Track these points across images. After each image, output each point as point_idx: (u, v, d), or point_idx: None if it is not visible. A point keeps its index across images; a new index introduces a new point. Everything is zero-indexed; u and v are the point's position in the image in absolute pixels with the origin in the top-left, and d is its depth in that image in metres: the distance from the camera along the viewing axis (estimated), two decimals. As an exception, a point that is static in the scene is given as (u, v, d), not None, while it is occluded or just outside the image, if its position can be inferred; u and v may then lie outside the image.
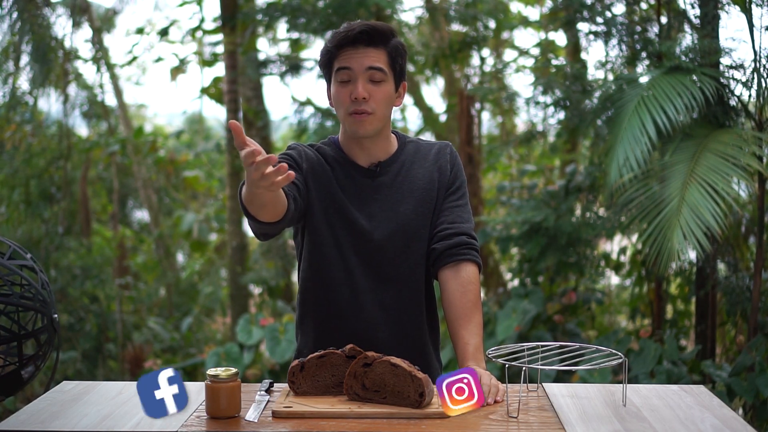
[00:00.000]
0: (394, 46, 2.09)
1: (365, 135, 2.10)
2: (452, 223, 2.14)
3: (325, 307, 2.13)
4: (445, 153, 2.20)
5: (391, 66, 2.09)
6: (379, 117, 2.08)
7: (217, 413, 1.77)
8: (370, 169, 2.14)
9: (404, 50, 2.13)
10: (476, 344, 2.03)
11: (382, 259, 2.11)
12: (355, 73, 2.05)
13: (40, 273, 2.06)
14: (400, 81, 2.14)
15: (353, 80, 2.06)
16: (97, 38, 8.66)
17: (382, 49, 2.07)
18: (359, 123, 2.07)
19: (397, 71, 2.11)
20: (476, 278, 2.11)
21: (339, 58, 2.07)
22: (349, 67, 2.05)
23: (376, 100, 2.06)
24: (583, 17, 4.98)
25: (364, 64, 2.05)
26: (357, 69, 2.05)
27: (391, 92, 2.10)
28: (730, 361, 4.81)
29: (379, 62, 2.06)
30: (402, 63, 2.12)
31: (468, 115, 6.59)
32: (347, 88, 2.06)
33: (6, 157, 7.03)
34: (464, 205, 2.18)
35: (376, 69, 2.05)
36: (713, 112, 4.14)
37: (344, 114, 2.09)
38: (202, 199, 11.06)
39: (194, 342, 7.90)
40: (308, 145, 2.18)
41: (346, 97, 2.06)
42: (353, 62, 2.05)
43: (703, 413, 1.81)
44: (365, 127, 2.08)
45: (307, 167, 2.12)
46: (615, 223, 4.76)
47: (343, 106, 2.08)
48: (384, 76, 2.07)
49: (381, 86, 2.07)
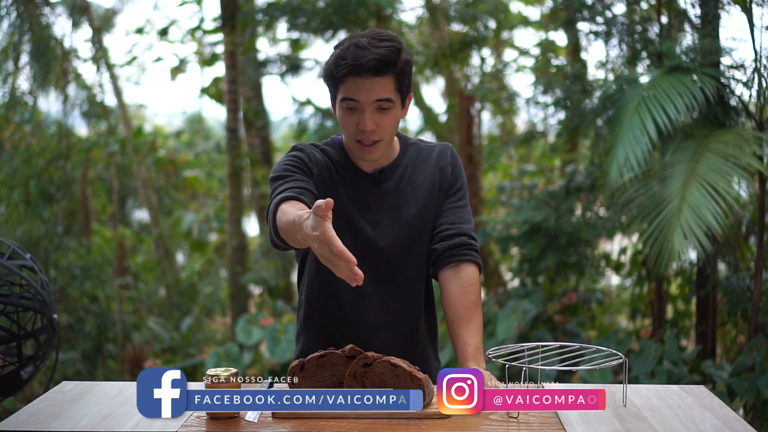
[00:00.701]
0: (401, 69, 2.01)
1: (372, 160, 2.08)
2: (453, 223, 2.13)
3: (331, 313, 2.13)
4: (446, 155, 2.19)
5: (399, 90, 2.03)
6: (386, 142, 2.06)
7: (217, 413, 1.77)
8: (374, 175, 2.12)
9: (410, 67, 2.06)
10: (476, 344, 2.03)
11: (386, 265, 2.11)
12: (361, 105, 2.00)
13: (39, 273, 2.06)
14: (407, 97, 2.09)
15: (360, 111, 2.00)
16: (97, 38, 8.65)
17: (390, 76, 2.00)
18: (367, 151, 2.05)
19: (404, 92, 2.06)
20: (476, 279, 2.10)
21: (345, 87, 2.00)
22: (356, 100, 1.99)
23: (383, 129, 2.03)
24: (583, 17, 4.98)
25: (372, 97, 1.99)
26: (364, 101, 1.99)
27: (398, 116, 2.06)
28: (730, 362, 4.80)
29: (386, 93, 2.00)
30: (409, 81, 2.06)
31: (468, 115, 6.59)
32: (354, 117, 2.02)
33: (5, 157, 7.02)
34: (464, 206, 2.18)
35: (384, 100, 2.00)
36: (714, 112, 4.14)
37: (350, 139, 2.06)
38: (202, 199, 11.05)
39: (194, 342, 7.90)
40: (313, 145, 2.14)
41: (353, 126, 2.02)
42: (360, 95, 1.98)
43: (703, 413, 1.81)
44: (372, 155, 2.06)
45: (317, 172, 2.08)
46: (615, 223, 4.76)
47: (349, 132, 2.04)
48: (392, 104, 2.02)
49: (389, 114, 2.02)
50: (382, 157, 2.12)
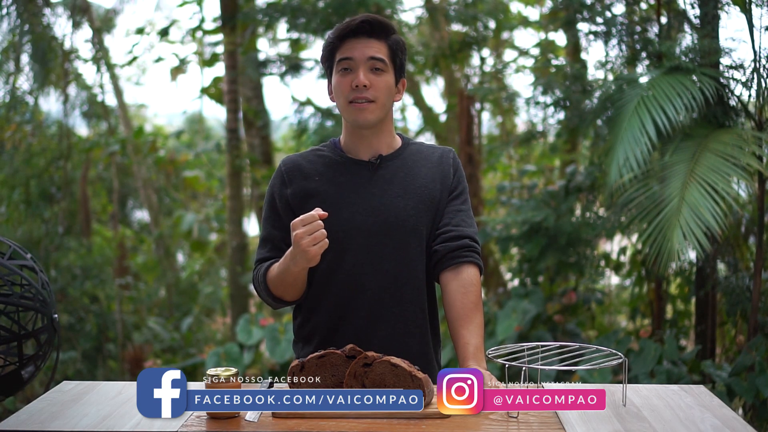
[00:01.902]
0: (395, 41, 2.13)
1: (366, 124, 2.10)
2: (456, 226, 2.14)
3: (327, 306, 2.13)
4: (448, 158, 2.21)
5: (392, 59, 2.11)
6: (380, 105, 2.09)
7: (217, 413, 1.77)
8: (371, 161, 2.14)
9: (404, 47, 2.16)
10: (477, 344, 2.03)
11: (381, 255, 2.10)
12: (356, 63, 2.08)
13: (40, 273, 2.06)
14: (400, 77, 2.16)
15: (354, 69, 2.08)
16: (97, 38, 8.66)
17: (383, 41, 2.10)
18: (360, 111, 2.08)
19: (397, 65, 2.13)
20: (477, 280, 2.11)
21: (341, 49, 2.10)
22: (350, 57, 2.08)
23: (377, 89, 2.08)
24: (583, 17, 4.98)
25: (366, 53, 2.08)
26: (358, 58, 2.08)
27: (391, 83, 2.12)
28: (730, 361, 4.81)
29: (380, 53, 2.09)
30: (402, 59, 2.15)
31: (468, 115, 6.59)
32: (348, 77, 2.08)
33: (6, 157, 7.03)
34: (467, 211, 2.19)
35: (377, 59, 2.08)
36: (713, 112, 4.14)
37: (345, 103, 2.10)
38: (202, 199, 11.06)
39: (194, 342, 7.91)
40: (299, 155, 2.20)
41: (347, 86, 2.08)
42: (355, 52, 2.08)
43: (703, 413, 1.81)
44: (366, 116, 2.08)
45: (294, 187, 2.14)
46: (615, 223, 4.76)
47: (344, 94, 2.09)
48: (385, 66, 2.09)
49: (382, 76, 2.09)
50: (380, 143, 2.15)
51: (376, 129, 2.13)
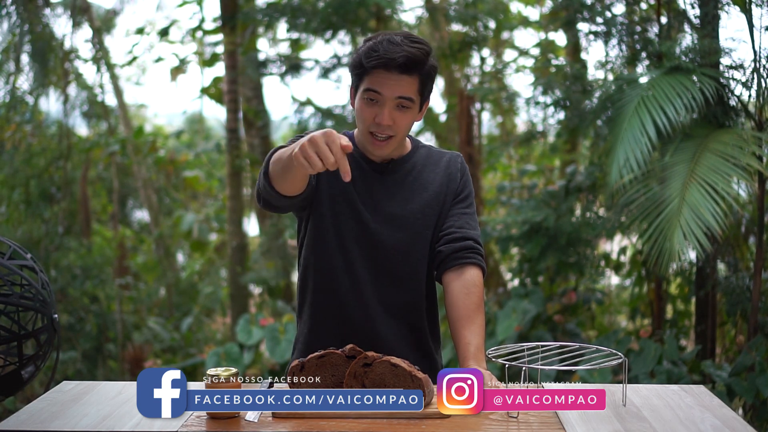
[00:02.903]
0: (427, 72, 2.04)
1: (381, 156, 2.10)
2: (460, 228, 2.14)
3: (325, 293, 2.14)
4: (456, 162, 2.21)
5: (421, 92, 2.05)
6: (398, 139, 2.08)
7: (217, 413, 1.77)
8: (382, 164, 2.14)
9: (436, 71, 2.08)
10: (478, 344, 2.03)
11: (383, 254, 2.11)
12: (383, 98, 2.01)
13: (40, 273, 2.06)
14: (425, 101, 2.11)
15: (380, 104, 2.02)
16: (97, 38, 8.66)
17: (416, 76, 2.02)
18: (378, 146, 2.07)
19: (424, 96, 2.08)
20: (480, 282, 2.11)
21: (370, 78, 2.02)
22: (379, 92, 2.01)
23: (399, 126, 2.05)
24: (583, 17, 4.98)
25: (395, 93, 2.01)
26: (387, 95, 2.01)
27: (414, 116, 2.08)
28: (730, 361, 4.81)
29: (410, 92, 2.02)
30: (431, 87, 2.09)
31: (468, 115, 6.59)
32: (373, 109, 2.03)
33: (6, 157, 7.03)
34: (472, 214, 2.19)
35: (405, 98, 2.02)
36: (713, 112, 4.14)
37: (365, 130, 2.07)
38: (202, 199, 11.06)
39: (194, 342, 7.90)
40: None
41: (370, 118, 2.04)
42: (384, 89, 2.00)
43: (703, 413, 1.81)
44: (383, 150, 2.08)
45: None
46: (615, 224, 4.76)
47: (365, 123, 2.06)
48: (412, 103, 2.03)
49: (407, 113, 2.04)
50: (392, 152, 2.14)
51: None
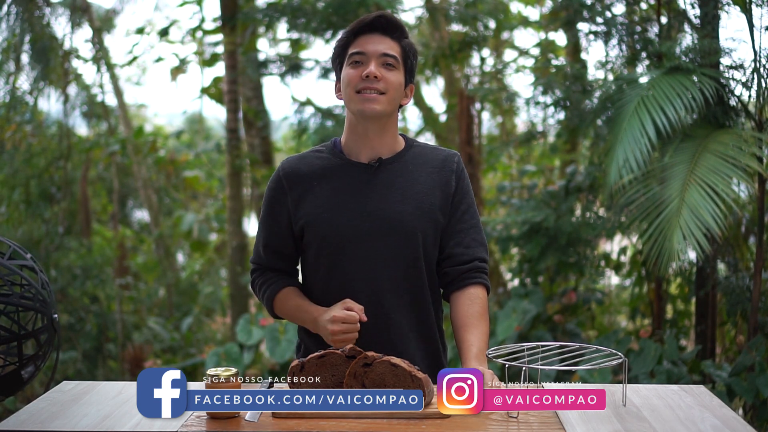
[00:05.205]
0: (408, 43, 2.13)
1: (373, 114, 2.06)
2: (467, 247, 2.13)
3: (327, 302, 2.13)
4: (451, 163, 2.16)
5: (404, 60, 2.11)
6: (389, 99, 2.07)
7: (217, 413, 1.77)
8: (370, 164, 2.11)
9: (416, 52, 2.16)
10: (480, 347, 2.02)
11: (377, 260, 2.08)
12: (368, 57, 2.07)
13: (40, 273, 2.07)
14: (409, 81, 2.15)
15: (366, 63, 2.07)
16: (97, 38, 8.66)
17: (397, 42, 2.10)
18: (368, 101, 2.05)
19: (407, 67, 2.13)
20: (484, 296, 2.13)
21: (354, 44, 2.10)
22: (363, 52, 2.08)
23: (387, 82, 2.07)
24: (583, 17, 4.98)
25: (379, 49, 2.07)
26: (371, 52, 2.07)
27: (401, 81, 2.10)
28: (730, 361, 4.81)
29: (393, 51, 2.09)
30: (413, 63, 2.14)
31: (468, 115, 6.59)
32: (359, 69, 2.07)
33: (6, 157, 7.03)
34: (475, 225, 2.16)
35: (389, 56, 2.08)
36: (713, 112, 4.14)
37: (352, 92, 2.07)
38: (202, 199, 11.06)
39: (194, 342, 7.91)
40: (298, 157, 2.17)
41: (357, 77, 2.07)
42: (368, 47, 2.08)
43: (703, 413, 1.81)
44: (374, 106, 2.05)
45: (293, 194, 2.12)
46: (615, 224, 4.76)
47: (353, 84, 2.07)
48: (397, 63, 2.09)
49: (393, 71, 2.08)
50: (382, 146, 2.12)
51: (379, 128, 2.10)
